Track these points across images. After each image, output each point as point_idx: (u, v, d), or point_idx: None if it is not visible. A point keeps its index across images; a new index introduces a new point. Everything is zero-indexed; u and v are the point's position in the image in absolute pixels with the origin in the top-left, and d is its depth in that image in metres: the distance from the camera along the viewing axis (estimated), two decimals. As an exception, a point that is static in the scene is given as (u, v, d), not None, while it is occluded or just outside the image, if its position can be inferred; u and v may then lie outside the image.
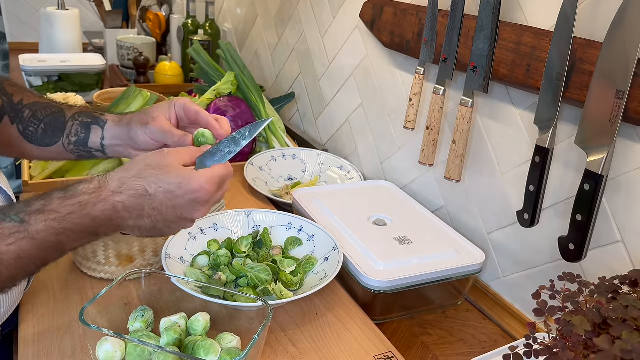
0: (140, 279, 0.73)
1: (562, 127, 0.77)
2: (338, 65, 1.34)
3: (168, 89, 1.78)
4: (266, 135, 1.38)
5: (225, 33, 2.03)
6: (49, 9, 1.92)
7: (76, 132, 0.79)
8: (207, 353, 0.62)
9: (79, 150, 0.79)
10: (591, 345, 0.50)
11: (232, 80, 1.39)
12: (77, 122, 0.79)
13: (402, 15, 1.03)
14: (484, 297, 0.92)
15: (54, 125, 0.79)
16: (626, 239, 0.70)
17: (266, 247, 0.89)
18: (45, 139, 0.79)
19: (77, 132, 0.79)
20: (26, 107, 0.80)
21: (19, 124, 0.79)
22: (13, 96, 0.80)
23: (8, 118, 0.79)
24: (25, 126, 0.79)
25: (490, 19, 0.81)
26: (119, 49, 1.93)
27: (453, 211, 1.01)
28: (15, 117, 0.79)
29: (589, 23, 0.71)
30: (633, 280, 0.57)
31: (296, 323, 0.78)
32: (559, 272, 0.62)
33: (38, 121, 0.79)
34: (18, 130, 0.79)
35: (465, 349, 0.82)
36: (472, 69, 0.85)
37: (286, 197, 1.15)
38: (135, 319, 0.68)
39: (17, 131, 0.79)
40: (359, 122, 1.27)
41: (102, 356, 0.61)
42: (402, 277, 0.81)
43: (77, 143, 0.79)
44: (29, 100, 0.81)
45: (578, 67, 0.70)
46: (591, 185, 0.67)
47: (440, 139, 0.99)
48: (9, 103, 0.80)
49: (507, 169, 0.88)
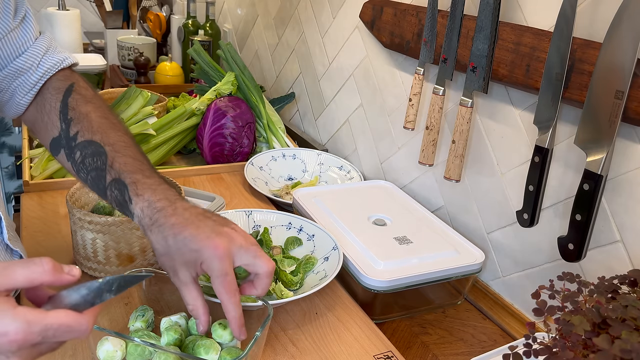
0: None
1: (562, 127, 0.77)
2: (338, 65, 1.34)
3: (168, 89, 1.78)
4: (266, 135, 1.38)
5: (225, 33, 2.03)
6: (49, 9, 1.92)
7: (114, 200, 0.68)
8: (207, 351, 0.62)
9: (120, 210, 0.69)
10: (590, 344, 0.50)
11: (232, 81, 1.39)
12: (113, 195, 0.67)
13: (402, 15, 1.03)
14: (484, 297, 0.92)
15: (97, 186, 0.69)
16: (625, 238, 0.70)
17: (266, 247, 0.89)
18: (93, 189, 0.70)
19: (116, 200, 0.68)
20: (78, 146, 0.70)
21: (72, 164, 0.71)
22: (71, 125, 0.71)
23: (64, 153, 0.72)
24: (77, 171, 0.71)
25: (490, 19, 0.81)
26: (120, 49, 1.94)
27: (453, 211, 1.01)
28: (69, 155, 0.71)
29: (588, 23, 0.71)
30: (632, 280, 0.57)
31: (296, 323, 0.78)
32: (558, 272, 0.62)
33: (87, 171, 0.70)
34: (73, 169, 0.72)
35: (465, 348, 0.83)
36: (472, 69, 0.85)
37: (286, 197, 1.15)
38: (136, 319, 0.68)
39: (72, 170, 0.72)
40: (359, 122, 1.28)
41: (103, 356, 0.61)
42: (402, 276, 0.81)
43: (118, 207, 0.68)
44: (82, 137, 0.70)
45: (577, 67, 0.70)
46: (590, 185, 0.67)
47: (440, 139, 0.99)
48: (65, 135, 0.71)
49: (507, 169, 0.88)
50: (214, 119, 1.29)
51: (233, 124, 1.28)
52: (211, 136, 1.29)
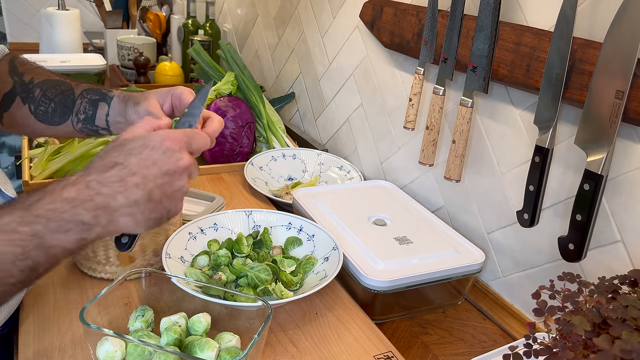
0: (141, 278, 0.73)
1: (562, 127, 0.77)
2: (338, 65, 1.34)
3: (168, 89, 1.78)
4: (266, 135, 1.38)
5: (225, 33, 2.03)
6: (49, 9, 1.92)
7: (84, 109, 0.79)
8: (202, 350, 0.62)
9: (87, 128, 0.79)
10: (591, 345, 0.50)
11: (232, 81, 1.39)
12: (85, 100, 0.79)
13: (402, 15, 1.03)
14: (484, 297, 0.92)
15: (63, 104, 0.79)
16: (626, 238, 0.70)
17: (266, 247, 0.89)
18: (55, 118, 0.79)
19: (85, 109, 0.78)
20: (37, 86, 0.79)
21: (30, 104, 0.79)
22: (24, 75, 0.80)
23: (20, 98, 0.79)
24: (37, 105, 0.79)
25: (490, 19, 0.81)
26: (119, 49, 1.94)
27: (453, 211, 1.01)
28: (27, 97, 0.79)
29: (588, 23, 0.71)
30: (633, 280, 0.57)
31: (296, 323, 0.78)
32: (558, 272, 0.62)
33: (48, 100, 0.78)
34: (29, 110, 0.79)
35: (465, 348, 0.83)
36: (472, 69, 0.85)
37: (286, 197, 1.15)
38: (136, 319, 0.68)
39: (29, 110, 0.79)
40: (359, 122, 1.28)
41: (103, 356, 0.61)
42: (402, 277, 0.81)
43: (85, 121, 0.79)
44: (39, 79, 0.80)
45: (578, 67, 0.70)
46: (591, 185, 0.67)
47: (440, 139, 0.99)
48: (20, 83, 0.79)
49: (507, 169, 0.88)
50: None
51: (233, 123, 1.28)
52: (211, 136, 1.29)
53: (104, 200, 0.53)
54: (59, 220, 0.51)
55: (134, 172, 0.55)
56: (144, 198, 0.55)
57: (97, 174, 0.54)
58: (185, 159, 0.58)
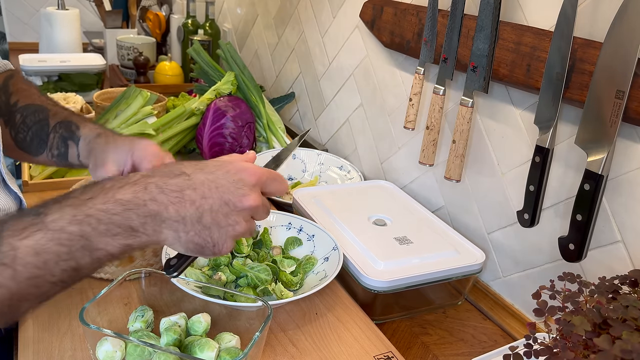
0: (140, 279, 0.73)
1: (562, 127, 0.77)
2: (338, 65, 1.34)
3: (168, 88, 1.78)
4: (266, 135, 1.38)
5: (225, 33, 2.03)
6: (49, 9, 1.92)
7: (57, 145, 0.75)
8: (202, 350, 0.62)
9: (63, 164, 0.76)
10: (591, 345, 0.50)
11: (232, 80, 1.39)
12: (57, 135, 0.75)
13: (402, 15, 1.03)
14: (484, 297, 0.92)
15: (39, 136, 0.76)
16: (626, 238, 0.70)
17: (266, 247, 0.89)
18: (32, 148, 0.76)
19: (58, 145, 0.75)
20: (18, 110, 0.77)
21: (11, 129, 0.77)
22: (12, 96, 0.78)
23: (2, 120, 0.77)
24: (17, 132, 0.77)
25: (490, 18, 0.81)
26: (119, 49, 1.93)
27: (453, 211, 1.01)
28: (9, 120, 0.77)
29: (589, 23, 0.71)
30: (633, 280, 0.57)
31: (296, 323, 0.78)
32: (559, 272, 0.62)
33: (27, 128, 0.75)
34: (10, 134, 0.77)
35: (465, 348, 0.82)
36: (472, 69, 0.85)
37: (286, 197, 1.15)
38: (135, 319, 0.68)
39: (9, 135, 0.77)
40: (359, 122, 1.27)
41: (102, 356, 0.61)
42: (402, 277, 0.81)
43: (59, 157, 0.76)
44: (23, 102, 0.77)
45: (578, 67, 0.70)
46: (591, 185, 0.67)
47: (440, 139, 0.99)
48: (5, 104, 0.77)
49: (507, 169, 0.88)
50: (213, 119, 1.29)
51: (233, 123, 1.28)
52: (211, 136, 1.29)
53: (156, 209, 0.51)
54: (109, 223, 0.49)
55: (195, 188, 0.53)
56: (194, 218, 0.53)
57: (160, 178, 0.53)
58: (253, 198, 0.55)
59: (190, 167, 0.55)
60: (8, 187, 0.74)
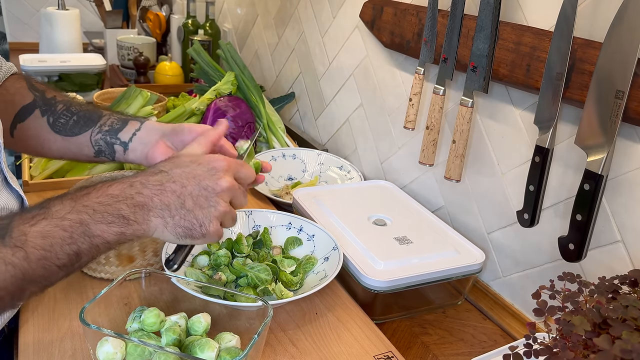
0: (140, 279, 0.73)
1: (562, 127, 0.77)
2: (338, 65, 1.34)
3: (168, 89, 1.78)
4: (266, 135, 1.38)
5: (225, 33, 2.03)
6: (49, 9, 1.92)
7: (111, 123, 0.81)
8: (203, 350, 0.62)
9: (105, 140, 0.81)
10: (591, 345, 0.50)
11: (232, 80, 1.39)
12: (114, 116, 0.82)
13: (402, 15, 1.03)
14: (484, 297, 0.92)
15: (87, 117, 0.82)
16: (626, 238, 0.70)
17: (266, 247, 0.89)
18: (75, 129, 0.82)
19: (113, 123, 0.81)
20: (60, 102, 0.83)
21: (49, 116, 0.82)
22: (45, 92, 0.84)
23: (39, 110, 0.82)
24: (56, 118, 0.82)
25: (490, 18, 0.81)
26: (119, 49, 1.93)
27: (453, 211, 1.01)
28: (47, 109, 0.82)
29: (589, 23, 0.71)
30: (633, 280, 0.57)
31: (296, 323, 0.78)
32: (558, 272, 0.62)
33: (70, 114, 0.82)
34: (47, 122, 0.82)
35: (465, 348, 0.82)
36: (472, 69, 0.85)
37: (286, 197, 1.15)
38: (134, 320, 0.68)
39: (47, 122, 0.82)
40: (359, 122, 1.27)
41: (103, 357, 0.61)
42: (402, 277, 0.81)
43: (108, 132, 0.81)
44: (62, 98, 0.84)
45: (578, 67, 0.70)
46: (591, 185, 0.67)
47: (440, 139, 0.99)
48: (41, 97, 0.83)
49: (507, 169, 0.88)
50: (213, 119, 1.29)
51: (233, 123, 1.28)
52: (211, 136, 1.29)
53: (143, 200, 0.60)
54: (103, 213, 0.57)
55: (174, 180, 0.61)
56: (177, 204, 0.61)
57: (143, 177, 0.61)
58: (227, 180, 0.63)
59: (168, 165, 0.64)
60: (10, 186, 0.75)
